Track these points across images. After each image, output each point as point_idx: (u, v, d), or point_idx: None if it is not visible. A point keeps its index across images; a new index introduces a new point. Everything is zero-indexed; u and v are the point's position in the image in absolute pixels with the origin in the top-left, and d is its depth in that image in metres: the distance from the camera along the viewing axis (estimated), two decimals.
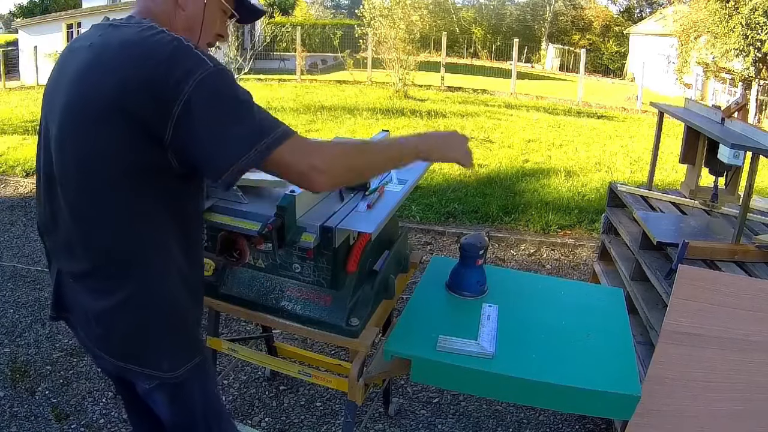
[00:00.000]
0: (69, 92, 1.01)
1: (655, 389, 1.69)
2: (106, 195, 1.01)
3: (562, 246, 4.09)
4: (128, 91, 0.94)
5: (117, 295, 1.05)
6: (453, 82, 14.23)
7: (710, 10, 12.55)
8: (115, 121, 0.96)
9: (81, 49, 1.04)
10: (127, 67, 0.95)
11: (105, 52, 0.99)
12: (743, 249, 1.84)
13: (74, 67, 1.02)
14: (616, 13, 29.41)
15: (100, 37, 1.03)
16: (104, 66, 0.98)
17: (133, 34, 1.00)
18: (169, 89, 0.93)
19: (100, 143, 0.98)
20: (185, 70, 0.94)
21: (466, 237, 1.66)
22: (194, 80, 0.93)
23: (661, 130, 2.49)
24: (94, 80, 0.98)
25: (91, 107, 0.97)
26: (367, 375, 1.49)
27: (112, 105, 0.95)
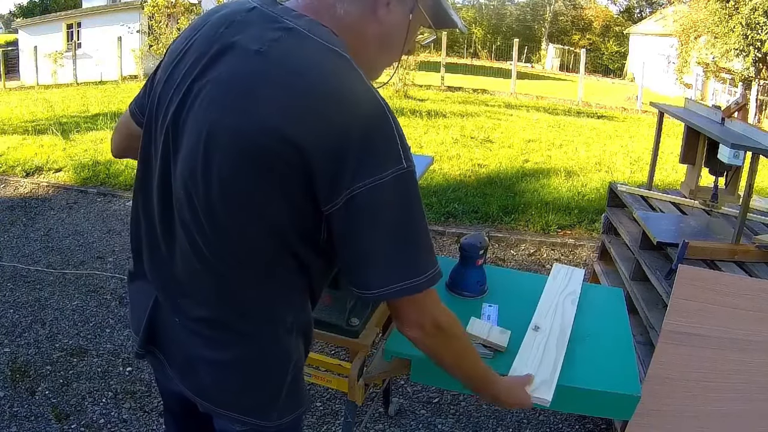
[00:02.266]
0: (221, 113, 0.80)
1: (655, 389, 1.69)
2: (252, 245, 0.85)
3: (562, 246, 4.09)
4: (305, 153, 0.76)
5: (235, 349, 0.92)
6: (453, 82, 14.23)
7: (710, 10, 12.55)
8: (278, 176, 0.79)
9: (245, 53, 0.81)
10: (312, 123, 0.76)
11: (283, 80, 0.78)
12: (743, 249, 1.84)
13: (234, 77, 0.80)
14: (616, 13, 29.44)
15: (276, 47, 0.79)
16: (283, 103, 0.77)
17: (326, 68, 0.79)
18: (348, 174, 0.77)
19: (252, 194, 0.81)
20: (375, 161, 0.77)
21: (466, 237, 1.65)
22: (377, 180, 0.77)
23: (661, 130, 2.49)
24: (264, 117, 0.77)
25: (251, 149, 0.78)
26: (367, 375, 1.49)
27: (282, 159, 0.77)
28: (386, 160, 0.78)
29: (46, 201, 4.76)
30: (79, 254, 3.71)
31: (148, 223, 0.96)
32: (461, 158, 6.10)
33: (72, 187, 5.02)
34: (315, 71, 0.78)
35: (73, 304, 3.07)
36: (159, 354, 1.02)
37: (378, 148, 0.78)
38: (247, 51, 0.81)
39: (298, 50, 0.79)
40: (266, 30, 0.81)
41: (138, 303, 1.03)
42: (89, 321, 2.90)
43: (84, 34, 18.02)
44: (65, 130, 6.89)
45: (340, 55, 0.80)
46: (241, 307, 0.91)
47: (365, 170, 0.77)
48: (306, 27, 0.81)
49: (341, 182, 0.77)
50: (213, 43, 0.85)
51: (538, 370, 1.29)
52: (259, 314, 0.92)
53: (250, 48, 0.80)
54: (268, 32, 0.81)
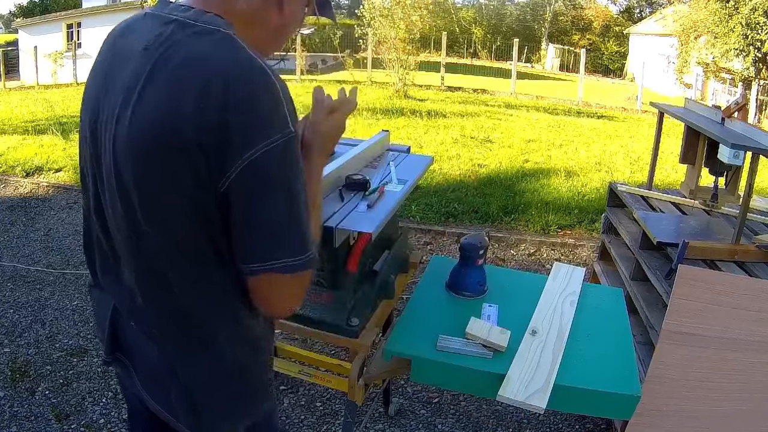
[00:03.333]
0: (122, 120, 0.81)
1: (655, 389, 1.69)
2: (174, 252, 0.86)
3: (562, 246, 4.09)
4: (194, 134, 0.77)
5: (185, 363, 0.93)
6: (453, 82, 14.23)
7: (710, 10, 12.55)
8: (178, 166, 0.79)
9: (135, 55, 0.83)
10: (197, 103, 0.76)
11: (166, 71, 0.79)
12: (743, 249, 1.84)
13: (127, 82, 0.82)
14: (616, 13, 29.43)
15: (158, 41, 0.81)
16: (165, 94, 0.78)
17: (205, 49, 0.79)
18: (236, 145, 0.77)
19: (163, 192, 0.81)
20: (262, 128, 0.78)
21: (466, 237, 1.66)
22: (266, 146, 0.77)
23: (661, 130, 2.49)
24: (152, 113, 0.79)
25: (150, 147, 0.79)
26: (367, 375, 1.49)
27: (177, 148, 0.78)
28: (274, 128, 0.78)
29: (46, 201, 4.76)
30: (79, 254, 3.71)
31: (96, 234, 0.98)
32: (461, 158, 6.10)
33: (72, 187, 5.02)
34: (196, 55, 0.79)
35: (73, 304, 3.07)
36: (126, 360, 1.02)
37: (265, 114, 0.78)
38: (134, 52, 0.83)
39: (178, 41, 0.80)
40: (153, 28, 0.84)
41: (100, 312, 1.04)
42: (89, 321, 2.90)
43: (84, 34, 18.02)
44: (65, 130, 6.89)
45: (221, 34, 0.81)
46: (181, 313, 0.90)
47: (255, 137, 0.77)
48: (190, 17, 0.83)
49: (234, 153, 0.77)
50: (110, 58, 0.89)
51: (533, 377, 1.29)
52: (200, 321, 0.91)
53: (138, 48, 0.83)
54: (154, 29, 0.83)
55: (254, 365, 1.00)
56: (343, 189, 1.56)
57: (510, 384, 1.27)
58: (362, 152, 1.81)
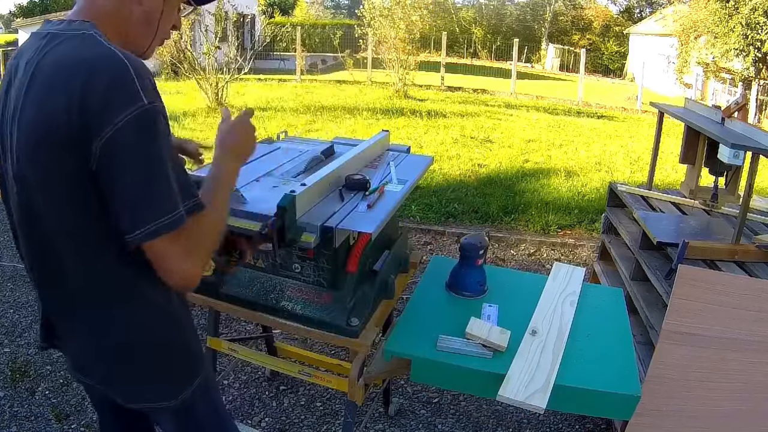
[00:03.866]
0: (12, 127, 0.94)
1: (655, 389, 1.69)
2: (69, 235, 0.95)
3: (562, 246, 4.09)
4: (61, 126, 0.86)
5: (101, 335, 1.02)
6: (453, 82, 14.23)
7: (710, 10, 12.55)
8: (56, 159, 0.88)
9: (21, 70, 0.95)
10: (58, 97, 0.86)
11: (39, 77, 0.90)
12: (743, 249, 1.84)
13: (14, 95, 0.94)
14: (616, 13, 29.42)
15: (36, 54, 0.92)
16: (37, 96, 0.89)
17: (69, 50, 0.89)
18: (95, 125, 0.85)
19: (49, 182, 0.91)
20: (114, 105, 0.85)
21: (466, 237, 1.66)
22: (121, 119, 0.85)
23: (661, 130, 2.49)
24: (29, 115, 0.90)
25: (31, 146, 0.90)
26: (367, 375, 1.49)
27: (50, 142, 0.87)
28: (127, 102, 0.85)
29: None
30: None
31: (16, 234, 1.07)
32: (461, 158, 6.10)
33: None
34: (60, 59, 0.89)
35: None
36: (62, 345, 1.12)
37: (117, 94, 0.85)
38: (22, 68, 0.94)
39: (50, 49, 0.91)
40: (33, 44, 0.95)
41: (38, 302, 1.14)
42: None
43: None
44: None
45: (85, 36, 0.91)
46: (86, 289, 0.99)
47: (110, 115, 0.84)
48: (62, 28, 0.94)
49: (94, 134, 0.85)
50: (6, 77, 0.99)
51: (533, 377, 1.29)
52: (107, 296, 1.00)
53: (22, 64, 0.95)
54: (34, 45, 0.95)
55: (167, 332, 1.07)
56: (343, 189, 1.56)
57: (510, 384, 1.27)
58: (362, 152, 1.81)
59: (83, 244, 0.96)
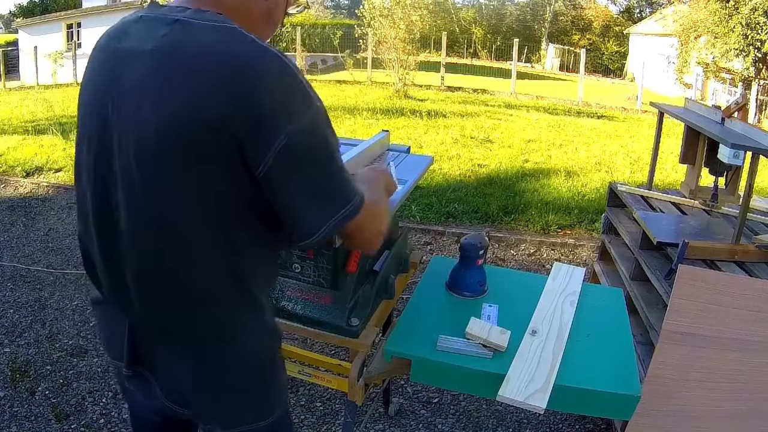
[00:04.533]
0: (136, 121, 0.82)
1: (655, 389, 1.69)
2: (196, 253, 0.86)
3: (562, 246, 4.09)
4: (224, 125, 0.78)
5: (209, 360, 0.94)
6: (453, 82, 14.23)
7: (710, 10, 12.55)
8: (205, 161, 0.80)
9: (140, 56, 0.83)
10: (221, 95, 0.78)
11: (181, 67, 0.80)
12: (743, 249, 1.83)
13: (136, 84, 0.82)
14: (616, 13, 29.41)
15: (165, 40, 0.82)
16: (186, 89, 0.79)
17: (217, 42, 0.80)
18: (271, 130, 0.79)
19: (186, 187, 0.82)
20: (292, 109, 0.80)
21: (466, 237, 1.66)
22: (298, 124, 0.80)
23: (661, 130, 2.49)
24: (172, 108, 0.79)
25: (172, 143, 0.80)
26: (367, 375, 1.49)
27: (203, 141, 0.79)
28: (301, 106, 0.82)
29: (46, 201, 4.76)
30: (79, 254, 3.70)
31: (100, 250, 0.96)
32: (461, 158, 6.10)
33: (72, 187, 5.00)
34: (206, 52, 0.80)
35: (73, 304, 3.07)
36: (146, 374, 1.01)
37: (291, 97, 0.81)
38: (141, 53, 0.83)
39: (186, 38, 0.81)
40: (155, 29, 0.84)
41: (111, 327, 1.03)
42: (89, 321, 2.90)
43: (84, 34, 18.01)
44: (65, 130, 6.89)
45: (225, 28, 0.82)
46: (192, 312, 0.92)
47: (285, 121, 0.79)
48: (190, 15, 0.84)
49: (268, 141, 0.79)
50: (111, 62, 0.88)
51: (533, 377, 1.29)
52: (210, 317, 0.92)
53: (144, 49, 0.83)
54: (157, 30, 0.83)
55: (270, 354, 1.03)
56: None
57: (510, 384, 1.27)
58: (362, 152, 1.81)
59: (206, 261, 0.87)
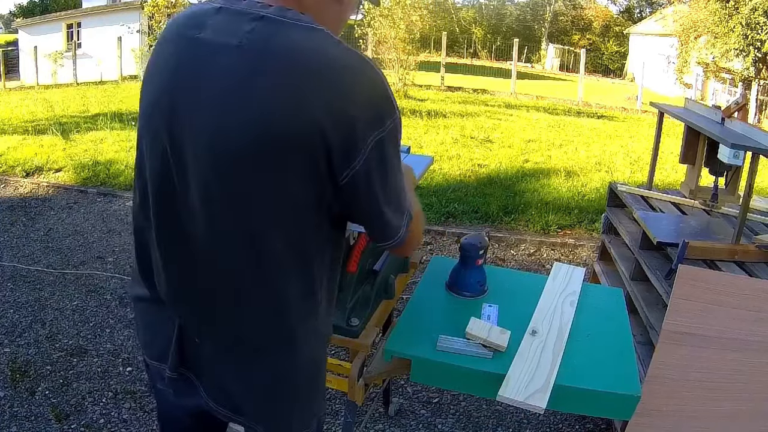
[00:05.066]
0: (220, 118, 0.79)
1: (655, 389, 1.69)
2: (269, 256, 0.84)
3: (562, 246, 4.09)
4: (316, 127, 0.77)
5: (267, 366, 0.93)
6: (453, 82, 14.23)
7: (710, 10, 12.55)
8: (293, 162, 0.78)
9: (223, 50, 0.80)
10: (314, 96, 0.76)
11: (272, 65, 0.78)
12: (743, 249, 1.83)
13: (221, 79, 0.80)
14: (616, 13, 29.43)
15: (253, 36, 0.79)
16: (278, 89, 0.77)
17: (308, 43, 0.79)
18: (360, 134, 0.79)
19: (268, 190, 0.80)
20: (380, 115, 0.81)
21: (466, 237, 1.65)
22: (385, 128, 0.81)
23: (661, 130, 2.49)
24: (263, 107, 0.77)
25: (259, 143, 0.77)
26: (367, 375, 1.49)
27: (294, 143, 0.77)
28: (388, 113, 0.83)
29: (46, 201, 4.76)
30: (79, 254, 3.71)
31: (157, 244, 0.94)
32: (461, 158, 6.10)
33: (72, 187, 5.02)
34: (299, 50, 0.79)
35: (73, 304, 3.07)
36: (191, 376, 0.99)
37: (378, 103, 0.82)
38: (226, 47, 0.80)
39: (275, 35, 0.80)
40: (239, 24, 0.81)
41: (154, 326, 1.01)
42: (89, 321, 2.90)
43: (84, 34, 18.02)
44: (65, 130, 6.89)
45: (314, 29, 0.81)
46: (258, 315, 0.90)
47: (373, 128, 0.80)
48: (276, 13, 0.82)
49: (356, 145, 0.80)
50: (188, 53, 0.84)
51: (533, 377, 1.29)
52: (291, 329, 0.92)
53: (230, 44, 0.80)
54: (241, 25, 0.81)
55: (323, 359, 1.03)
56: None
57: (510, 384, 1.27)
58: None
59: (279, 267, 0.86)
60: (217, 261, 0.87)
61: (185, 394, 1.02)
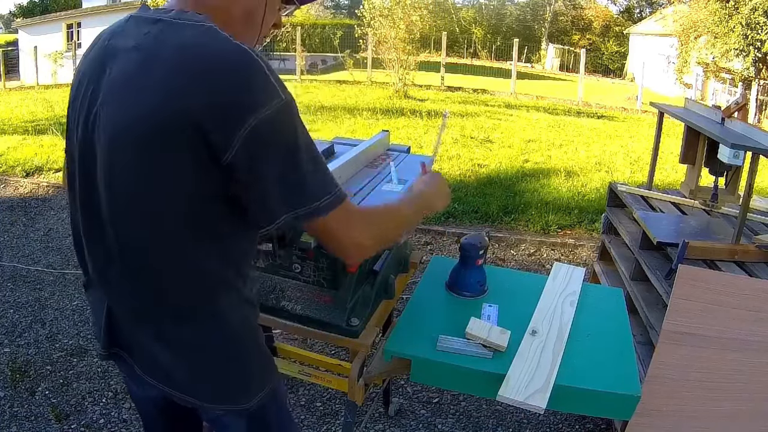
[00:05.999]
0: (116, 112, 0.88)
1: (655, 389, 1.69)
2: (171, 233, 0.91)
3: (562, 246, 4.09)
4: (193, 115, 0.83)
5: (185, 338, 0.98)
6: (453, 82, 14.23)
7: (710, 10, 12.55)
8: (177, 149, 0.85)
9: (124, 53, 0.90)
10: (192, 86, 0.83)
11: (159, 62, 0.85)
12: (743, 249, 1.83)
13: (119, 77, 0.89)
14: (616, 13, 29.42)
15: (147, 38, 0.88)
16: (162, 82, 0.84)
17: (194, 40, 0.86)
18: (235, 118, 0.83)
19: (160, 174, 0.87)
20: (256, 99, 0.84)
21: (466, 237, 1.65)
22: (263, 113, 0.84)
23: (661, 130, 2.49)
24: (150, 99, 0.85)
25: (148, 132, 0.85)
26: (367, 375, 1.49)
27: (176, 130, 0.84)
28: (266, 97, 0.85)
29: (46, 201, 4.76)
30: None
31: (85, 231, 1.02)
32: (461, 158, 6.10)
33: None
34: (184, 47, 0.86)
35: (73, 304, 3.07)
36: (124, 355, 1.06)
37: (255, 89, 0.85)
38: (125, 50, 0.90)
39: (167, 35, 0.88)
40: (139, 29, 0.91)
41: (95, 309, 1.09)
42: (89, 321, 2.90)
43: (84, 34, 18.01)
44: (65, 130, 6.89)
45: (203, 26, 0.88)
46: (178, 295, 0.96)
47: (249, 110, 0.84)
48: (173, 16, 0.90)
49: (232, 129, 0.84)
50: (99, 58, 0.94)
51: (533, 377, 1.29)
52: (199, 298, 0.97)
53: (128, 46, 0.90)
54: (140, 29, 0.91)
55: (254, 326, 1.06)
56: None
57: (510, 384, 1.27)
58: (362, 152, 1.81)
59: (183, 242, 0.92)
60: (125, 240, 0.95)
61: (132, 377, 1.08)
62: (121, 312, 1.02)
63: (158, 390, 1.03)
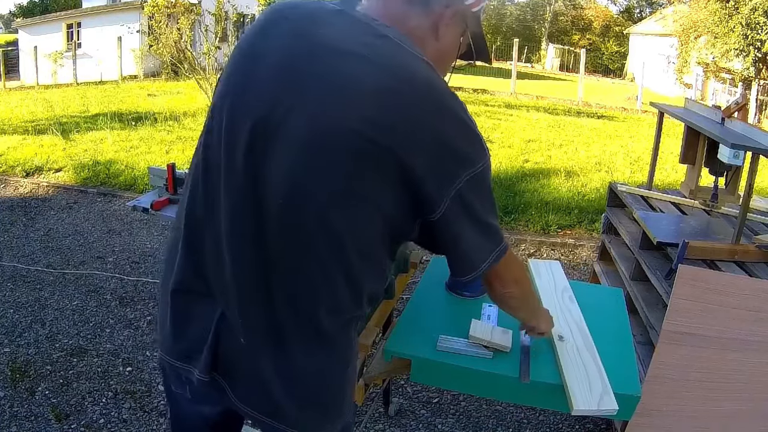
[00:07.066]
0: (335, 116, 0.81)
1: (655, 389, 1.69)
2: (344, 256, 0.87)
3: (562, 246, 4.09)
4: (421, 151, 0.81)
5: (308, 362, 0.93)
6: (453, 81, 13.79)
7: (710, 10, 12.55)
8: (392, 183, 0.83)
9: (351, 57, 0.83)
10: (422, 121, 0.81)
11: (389, 83, 0.81)
12: (743, 249, 1.84)
13: (338, 80, 0.82)
14: (616, 13, 29.44)
15: (374, 50, 0.83)
16: (395, 110, 0.81)
17: (430, 79, 0.84)
18: (455, 167, 0.84)
19: (363, 196, 0.83)
20: (471, 154, 0.86)
21: None
22: (477, 168, 0.86)
23: (661, 130, 2.49)
24: (384, 118, 0.80)
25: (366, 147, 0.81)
26: (367, 375, 1.49)
27: (396, 160, 0.81)
28: (478, 154, 0.87)
29: (46, 201, 4.76)
30: (79, 254, 3.71)
31: (215, 236, 0.91)
32: None
33: (72, 187, 5.02)
34: (416, 79, 0.83)
35: (73, 304, 3.07)
36: (219, 379, 0.96)
37: (472, 146, 0.87)
38: (350, 53, 0.83)
39: (396, 57, 0.84)
40: (362, 35, 0.85)
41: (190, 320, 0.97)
42: (89, 321, 2.90)
43: (84, 34, 18.00)
44: (65, 130, 6.89)
45: (428, 64, 0.86)
46: (321, 316, 0.91)
47: (465, 166, 0.85)
48: (396, 36, 0.86)
49: (448, 180, 0.84)
50: (302, 41, 0.85)
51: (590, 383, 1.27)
52: (338, 322, 0.94)
53: (354, 51, 0.83)
54: (365, 37, 0.85)
55: (356, 366, 1.06)
56: None
57: (577, 396, 1.24)
58: None
59: (351, 263, 0.89)
60: (297, 252, 0.87)
61: (206, 400, 1.00)
62: (246, 329, 0.92)
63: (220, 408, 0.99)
